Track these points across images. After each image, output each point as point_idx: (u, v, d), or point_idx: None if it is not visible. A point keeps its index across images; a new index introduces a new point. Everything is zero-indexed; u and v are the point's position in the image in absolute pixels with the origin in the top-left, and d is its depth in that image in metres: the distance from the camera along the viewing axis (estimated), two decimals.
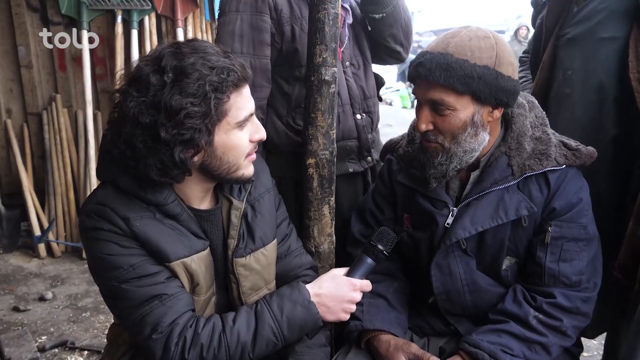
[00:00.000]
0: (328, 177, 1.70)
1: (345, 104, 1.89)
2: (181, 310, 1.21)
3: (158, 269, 1.22)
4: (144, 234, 1.20)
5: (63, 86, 4.11)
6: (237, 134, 1.23)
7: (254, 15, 1.72)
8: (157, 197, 1.23)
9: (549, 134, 1.50)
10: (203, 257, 1.29)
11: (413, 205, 1.59)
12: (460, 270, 1.50)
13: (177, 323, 1.20)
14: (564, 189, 1.44)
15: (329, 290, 1.29)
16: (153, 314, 1.19)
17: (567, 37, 1.81)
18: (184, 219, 1.27)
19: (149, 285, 1.20)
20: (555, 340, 1.43)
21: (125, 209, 1.20)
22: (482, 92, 1.36)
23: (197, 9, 4.03)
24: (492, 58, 1.36)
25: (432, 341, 1.60)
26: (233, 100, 1.20)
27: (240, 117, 1.22)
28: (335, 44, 1.62)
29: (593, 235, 1.48)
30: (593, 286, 1.47)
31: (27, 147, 4.09)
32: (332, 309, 1.30)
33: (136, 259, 1.20)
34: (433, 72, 1.35)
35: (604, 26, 1.73)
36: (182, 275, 1.25)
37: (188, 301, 1.25)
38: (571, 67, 1.80)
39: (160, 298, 1.20)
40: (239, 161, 1.25)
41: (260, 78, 1.74)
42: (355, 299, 1.30)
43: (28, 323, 3.07)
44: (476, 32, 1.39)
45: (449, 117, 1.39)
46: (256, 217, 1.40)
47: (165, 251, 1.21)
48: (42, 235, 3.91)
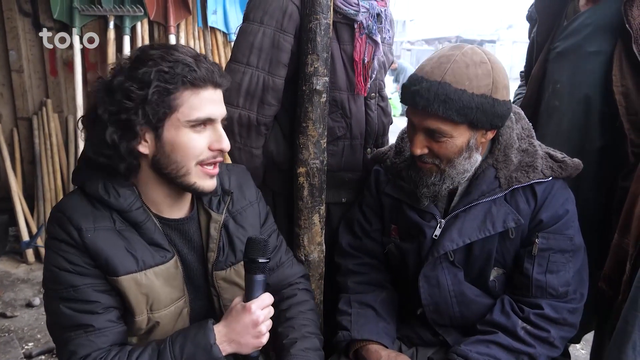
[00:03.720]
0: (318, 186, 1.70)
1: (356, 139, 1.81)
2: (100, 346, 1.20)
3: (97, 298, 1.20)
4: (95, 246, 1.18)
5: (54, 91, 4.10)
6: (188, 134, 1.19)
7: (278, 32, 1.64)
8: (121, 202, 1.22)
9: (536, 145, 1.52)
10: (161, 270, 1.26)
11: (401, 216, 1.59)
12: (448, 282, 1.50)
13: (90, 357, 1.19)
14: (550, 201, 1.45)
15: (231, 327, 1.23)
16: (73, 343, 1.19)
17: (556, 51, 1.85)
18: (147, 228, 1.25)
19: (81, 312, 1.19)
20: (543, 351, 1.44)
21: (82, 218, 1.20)
22: (479, 120, 1.35)
23: (190, 15, 4.03)
24: (489, 85, 1.35)
25: (420, 351, 1.60)
26: (186, 97, 1.17)
27: (191, 116, 1.18)
28: (327, 54, 1.63)
29: (579, 246, 1.49)
30: (580, 297, 1.49)
31: (17, 152, 4.06)
32: (243, 342, 1.23)
33: (79, 281, 1.19)
34: (431, 104, 1.33)
35: (591, 40, 1.77)
36: (133, 290, 1.22)
37: (114, 338, 1.22)
38: (560, 80, 1.84)
39: (86, 329, 1.19)
40: (187, 164, 1.21)
41: (270, 97, 1.68)
42: (257, 321, 1.22)
43: (15, 329, 3.03)
44: (472, 56, 1.36)
45: (445, 144, 1.38)
46: (237, 230, 1.39)
47: (114, 265, 1.19)
48: (30, 241, 3.88)
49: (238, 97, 1.65)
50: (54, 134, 4.01)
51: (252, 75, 1.64)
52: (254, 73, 1.64)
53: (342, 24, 1.71)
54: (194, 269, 1.36)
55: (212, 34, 4.21)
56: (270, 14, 1.64)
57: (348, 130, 1.79)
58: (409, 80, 1.42)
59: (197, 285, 1.38)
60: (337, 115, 1.76)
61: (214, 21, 4.16)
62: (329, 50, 1.63)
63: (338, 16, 1.69)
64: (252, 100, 1.66)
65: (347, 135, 1.79)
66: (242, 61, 1.65)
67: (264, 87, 1.66)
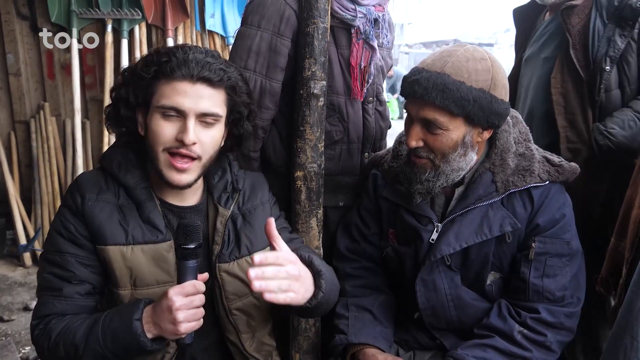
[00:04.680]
0: (316, 190, 1.70)
1: (353, 142, 1.82)
2: (61, 312, 1.30)
3: (74, 269, 1.30)
4: (91, 214, 1.30)
5: (52, 94, 4.09)
6: (159, 120, 1.28)
7: (275, 36, 1.65)
8: (129, 179, 1.34)
9: (533, 149, 1.52)
10: (150, 249, 1.32)
11: (398, 220, 1.60)
12: (445, 286, 1.51)
13: (49, 318, 1.31)
14: (547, 205, 1.46)
15: (154, 309, 1.23)
16: (41, 301, 1.34)
17: (525, 57, 2.13)
18: (147, 207, 1.34)
19: (57, 277, 1.31)
20: (540, 355, 1.44)
21: (89, 188, 1.33)
22: (476, 115, 1.36)
23: (188, 19, 4.03)
24: (488, 81, 1.36)
25: (417, 355, 1.60)
26: (161, 85, 1.28)
27: (159, 102, 1.27)
28: (324, 58, 1.63)
29: (576, 250, 1.50)
30: (577, 301, 1.49)
31: (15, 155, 4.06)
32: (162, 327, 1.21)
33: (67, 248, 1.30)
34: (429, 92, 1.34)
35: (545, 47, 2.03)
36: (118, 262, 1.30)
37: (76, 309, 1.31)
38: (523, 84, 2.12)
39: (53, 292, 1.31)
40: (155, 148, 1.29)
41: (267, 100, 1.68)
42: (171, 307, 1.18)
43: (12, 333, 3.02)
44: (473, 52, 1.39)
45: (440, 137, 1.39)
46: (245, 226, 1.44)
47: (104, 234, 1.29)
48: (27, 244, 3.87)
49: None
50: (52, 137, 4.00)
51: (250, 79, 1.64)
52: (251, 77, 1.65)
53: (340, 28, 1.71)
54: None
55: (210, 37, 4.21)
56: (268, 18, 1.64)
57: (345, 134, 1.79)
58: (409, 72, 1.44)
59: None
60: (335, 119, 1.76)
61: (212, 25, 4.16)
62: (326, 54, 1.64)
63: (335, 21, 1.69)
64: None
65: (345, 139, 1.80)
66: (239, 65, 1.65)
67: (261, 90, 1.66)
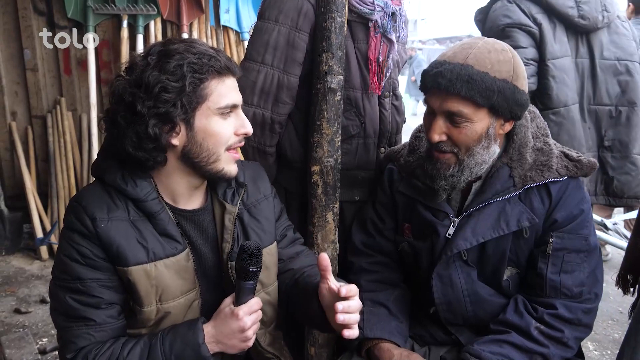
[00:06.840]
0: (332, 184, 1.71)
1: (369, 137, 1.82)
2: (98, 340, 1.24)
3: (101, 294, 1.23)
4: (107, 236, 1.22)
5: (68, 89, 4.14)
6: (219, 121, 1.25)
7: (293, 31, 1.64)
8: (138, 192, 1.25)
9: (551, 144, 1.51)
10: (172, 262, 1.28)
11: (414, 215, 1.59)
12: (461, 281, 1.50)
13: (87, 349, 1.23)
14: (565, 200, 1.45)
15: (219, 329, 1.26)
16: (73, 333, 1.24)
17: None
18: (160, 219, 1.27)
19: (85, 305, 1.23)
20: (557, 351, 1.43)
21: (97, 208, 1.23)
22: (500, 105, 1.35)
23: (203, 14, 4.06)
24: (510, 72, 1.36)
25: (433, 350, 1.60)
26: (214, 86, 1.23)
27: (221, 103, 1.24)
28: (341, 52, 1.63)
29: (594, 246, 1.48)
30: (594, 297, 1.48)
31: (31, 149, 4.11)
32: (230, 345, 1.27)
33: (87, 274, 1.22)
34: (454, 84, 1.33)
35: None
36: (142, 281, 1.24)
37: (112, 333, 1.26)
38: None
39: (87, 322, 1.23)
40: (218, 150, 1.26)
41: (284, 95, 1.68)
42: (245, 327, 1.25)
43: (29, 325, 3.07)
44: (493, 44, 1.38)
45: (465, 129, 1.38)
46: (252, 221, 1.42)
47: (125, 255, 1.22)
48: (44, 238, 3.92)
49: (252, 96, 1.66)
50: (68, 132, 4.05)
51: (267, 73, 1.65)
52: (269, 71, 1.65)
53: (357, 22, 1.71)
54: (208, 260, 1.38)
55: (224, 32, 4.23)
56: (286, 12, 1.64)
57: (362, 128, 1.79)
58: (430, 65, 1.43)
59: (209, 276, 1.39)
60: (351, 114, 1.76)
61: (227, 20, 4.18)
62: (343, 48, 1.64)
63: (353, 15, 1.69)
64: (267, 99, 1.67)
65: (361, 133, 1.80)
66: (256, 59, 1.66)
67: (278, 85, 1.67)
